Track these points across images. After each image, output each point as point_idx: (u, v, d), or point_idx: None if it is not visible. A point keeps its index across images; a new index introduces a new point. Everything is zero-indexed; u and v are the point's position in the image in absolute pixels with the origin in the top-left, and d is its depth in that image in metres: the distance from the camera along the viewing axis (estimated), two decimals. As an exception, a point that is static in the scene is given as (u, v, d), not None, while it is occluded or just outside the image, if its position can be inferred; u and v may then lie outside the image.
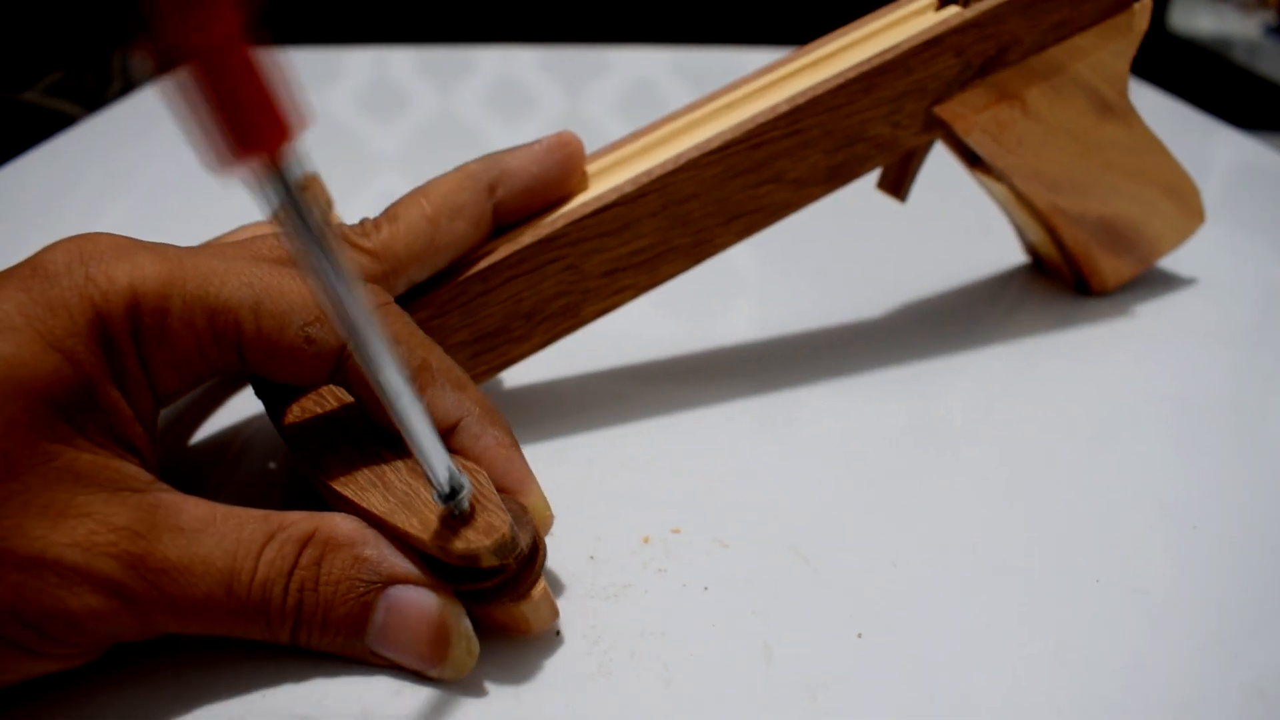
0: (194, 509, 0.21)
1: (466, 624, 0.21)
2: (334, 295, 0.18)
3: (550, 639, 0.23)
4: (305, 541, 0.21)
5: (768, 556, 0.25)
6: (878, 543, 0.26)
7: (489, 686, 0.22)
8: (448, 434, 0.24)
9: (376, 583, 0.21)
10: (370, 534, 0.22)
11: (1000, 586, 0.25)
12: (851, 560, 0.25)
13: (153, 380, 0.22)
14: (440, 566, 0.21)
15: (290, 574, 0.21)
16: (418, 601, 0.21)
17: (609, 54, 0.79)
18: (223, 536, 0.21)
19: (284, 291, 0.22)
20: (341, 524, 0.22)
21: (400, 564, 0.21)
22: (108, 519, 0.20)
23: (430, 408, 0.23)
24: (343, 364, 0.23)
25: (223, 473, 0.29)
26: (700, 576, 0.25)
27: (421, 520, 0.21)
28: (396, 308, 0.25)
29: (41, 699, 0.21)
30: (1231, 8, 1.59)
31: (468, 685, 0.22)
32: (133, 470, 0.21)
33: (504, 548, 0.21)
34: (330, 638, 0.21)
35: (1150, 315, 0.38)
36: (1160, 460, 0.30)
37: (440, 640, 0.21)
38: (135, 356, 0.21)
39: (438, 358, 0.24)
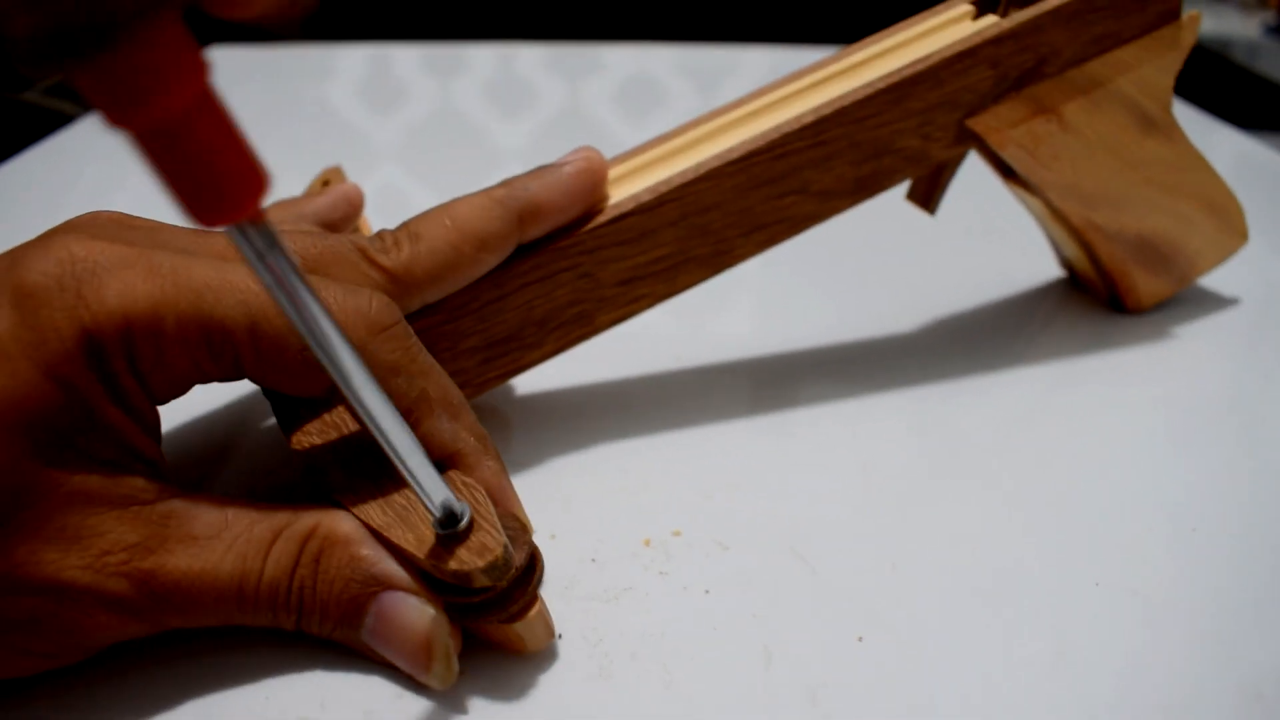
0: (204, 514, 0.21)
1: (449, 641, 0.21)
2: (317, 341, 0.18)
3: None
4: (307, 538, 0.22)
5: (768, 559, 0.25)
6: (878, 546, 0.26)
7: (489, 688, 0.22)
8: (442, 465, 0.24)
9: (369, 583, 0.21)
10: (369, 533, 0.22)
11: (1000, 589, 0.25)
12: (852, 563, 0.25)
13: (150, 392, 0.22)
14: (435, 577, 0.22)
15: (293, 572, 0.21)
16: (405, 611, 0.21)
17: (608, 51, 0.78)
18: (234, 539, 0.21)
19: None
20: (343, 521, 0.22)
21: (393, 568, 0.22)
22: (119, 538, 0.20)
23: (426, 440, 0.23)
24: None
25: (224, 471, 0.29)
26: (701, 579, 0.25)
27: (418, 536, 0.21)
28: (402, 329, 0.24)
29: (42, 697, 0.21)
30: (1231, 8, 1.59)
31: (468, 686, 0.22)
32: (140, 483, 0.21)
33: (496, 569, 0.21)
34: (330, 630, 0.22)
35: (1170, 327, 0.37)
36: (1159, 461, 0.30)
37: (423, 652, 0.21)
38: (130, 374, 0.21)
39: (435, 386, 0.24)
